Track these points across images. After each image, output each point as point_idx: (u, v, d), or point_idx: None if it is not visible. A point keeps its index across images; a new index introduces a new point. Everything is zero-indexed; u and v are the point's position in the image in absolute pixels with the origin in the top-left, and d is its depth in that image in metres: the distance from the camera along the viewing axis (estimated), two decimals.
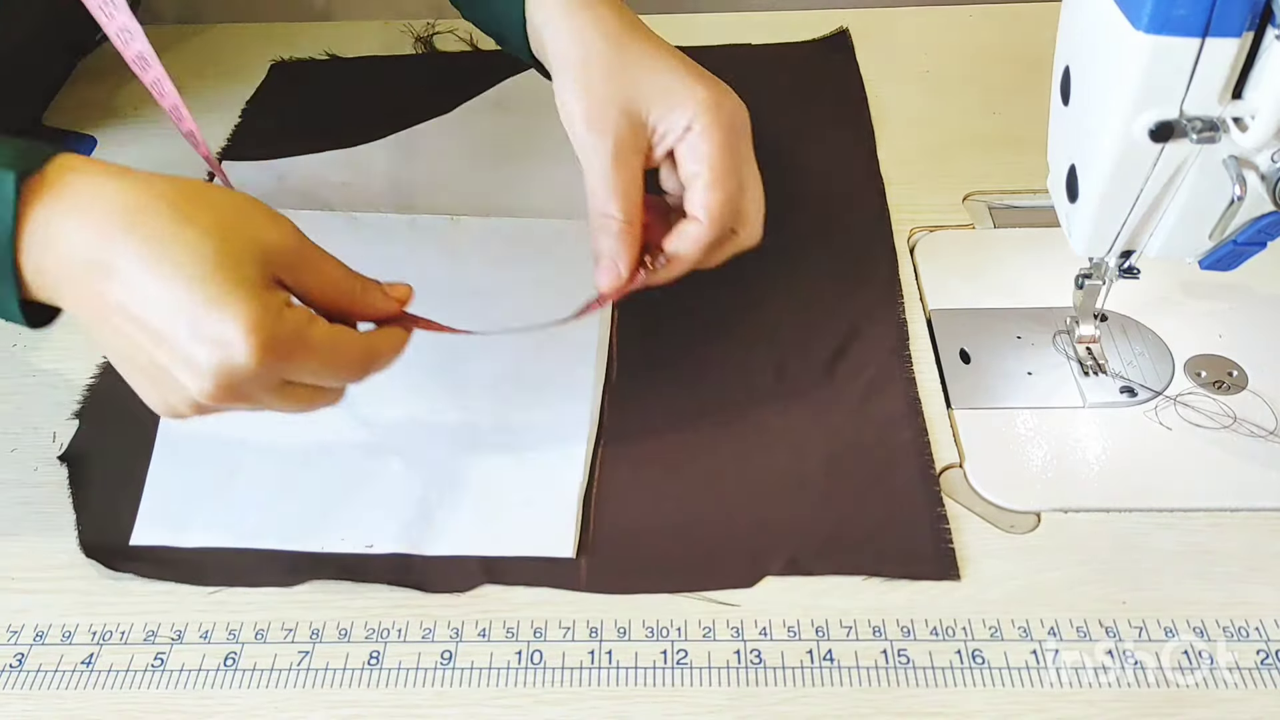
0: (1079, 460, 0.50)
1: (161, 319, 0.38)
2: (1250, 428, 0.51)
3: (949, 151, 0.69)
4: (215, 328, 0.38)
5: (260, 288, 0.39)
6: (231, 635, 0.45)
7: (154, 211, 0.39)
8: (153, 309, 0.38)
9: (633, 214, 0.47)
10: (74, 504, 0.50)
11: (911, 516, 0.48)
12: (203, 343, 0.38)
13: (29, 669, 0.44)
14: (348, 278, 0.44)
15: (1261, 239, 0.43)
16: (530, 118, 0.65)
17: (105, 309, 0.39)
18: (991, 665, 0.43)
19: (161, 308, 0.38)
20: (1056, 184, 0.48)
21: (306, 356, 0.40)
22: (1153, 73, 0.38)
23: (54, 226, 0.39)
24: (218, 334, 0.38)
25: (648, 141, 0.48)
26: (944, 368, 0.55)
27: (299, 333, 0.40)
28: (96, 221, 0.39)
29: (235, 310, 0.38)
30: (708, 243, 0.47)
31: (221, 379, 0.38)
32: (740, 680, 0.43)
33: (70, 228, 0.38)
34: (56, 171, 0.40)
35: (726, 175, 0.47)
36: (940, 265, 0.61)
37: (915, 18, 0.82)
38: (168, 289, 0.38)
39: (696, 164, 0.47)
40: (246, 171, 0.69)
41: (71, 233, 0.38)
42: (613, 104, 0.47)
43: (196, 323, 0.38)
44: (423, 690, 0.43)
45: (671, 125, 0.47)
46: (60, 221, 0.39)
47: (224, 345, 0.38)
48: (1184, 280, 0.58)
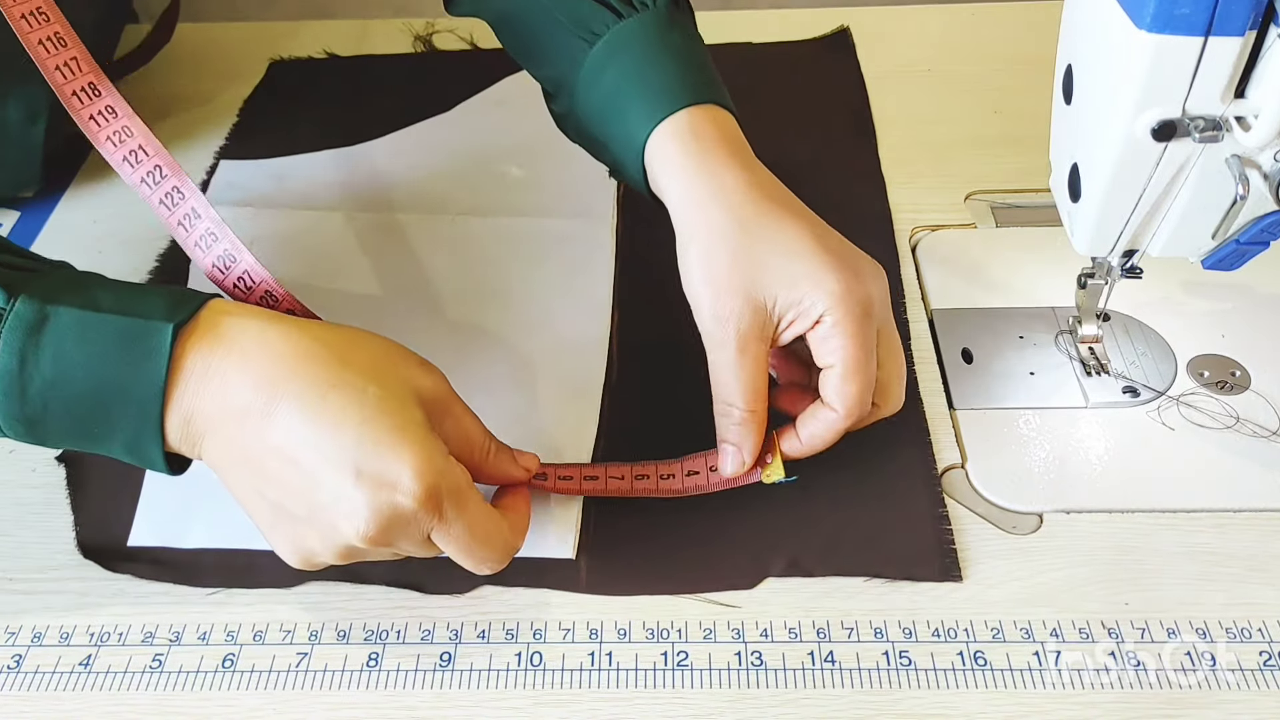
0: (1081, 461, 0.50)
1: (326, 460, 0.38)
2: (1253, 428, 0.51)
3: (951, 151, 0.69)
4: (383, 468, 0.38)
5: (425, 430, 0.40)
6: (230, 637, 0.45)
7: (315, 356, 0.40)
8: (316, 451, 0.38)
9: (756, 404, 0.46)
10: (71, 505, 0.50)
11: (913, 517, 0.48)
12: (369, 484, 0.38)
13: (26, 670, 0.44)
14: (484, 436, 0.45)
15: (1264, 238, 0.42)
16: (531, 116, 0.65)
17: (260, 453, 0.39)
18: (993, 667, 0.43)
19: (326, 449, 0.38)
20: (1059, 183, 0.48)
21: (460, 513, 0.40)
22: (1155, 72, 0.38)
23: (213, 371, 0.39)
24: (385, 474, 0.38)
25: (774, 327, 0.46)
26: (946, 367, 0.55)
27: (460, 488, 0.40)
28: (260, 366, 0.39)
29: (403, 452, 0.38)
30: (843, 429, 0.46)
31: (383, 521, 0.38)
32: (741, 682, 0.43)
33: (231, 373, 0.39)
34: (212, 316, 0.40)
35: (861, 367, 0.45)
36: (942, 265, 0.60)
37: (917, 16, 0.82)
38: (333, 431, 0.38)
39: (830, 356, 0.45)
40: (245, 170, 0.69)
41: (232, 377, 0.39)
42: (739, 293, 0.45)
43: (363, 464, 0.38)
44: (422, 692, 0.43)
45: (800, 316, 0.45)
46: (220, 366, 0.39)
47: (391, 487, 0.38)
48: (1186, 280, 0.58)
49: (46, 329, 0.38)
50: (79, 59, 0.46)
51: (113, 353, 0.38)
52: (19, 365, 0.38)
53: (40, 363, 0.38)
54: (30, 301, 0.38)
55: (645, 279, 0.60)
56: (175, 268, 0.62)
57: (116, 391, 0.38)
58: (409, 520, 0.39)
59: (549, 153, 0.68)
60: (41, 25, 0.46)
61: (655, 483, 0.49)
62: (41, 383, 0.38)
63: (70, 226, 0.66)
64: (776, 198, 0.48)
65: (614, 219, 0.64)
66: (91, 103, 0.46)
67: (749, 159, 0.49)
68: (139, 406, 0.39)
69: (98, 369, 0.38)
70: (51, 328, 0.38)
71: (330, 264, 0.62)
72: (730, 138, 0.49)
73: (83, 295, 0.39)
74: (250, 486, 0.40)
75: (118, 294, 0.40)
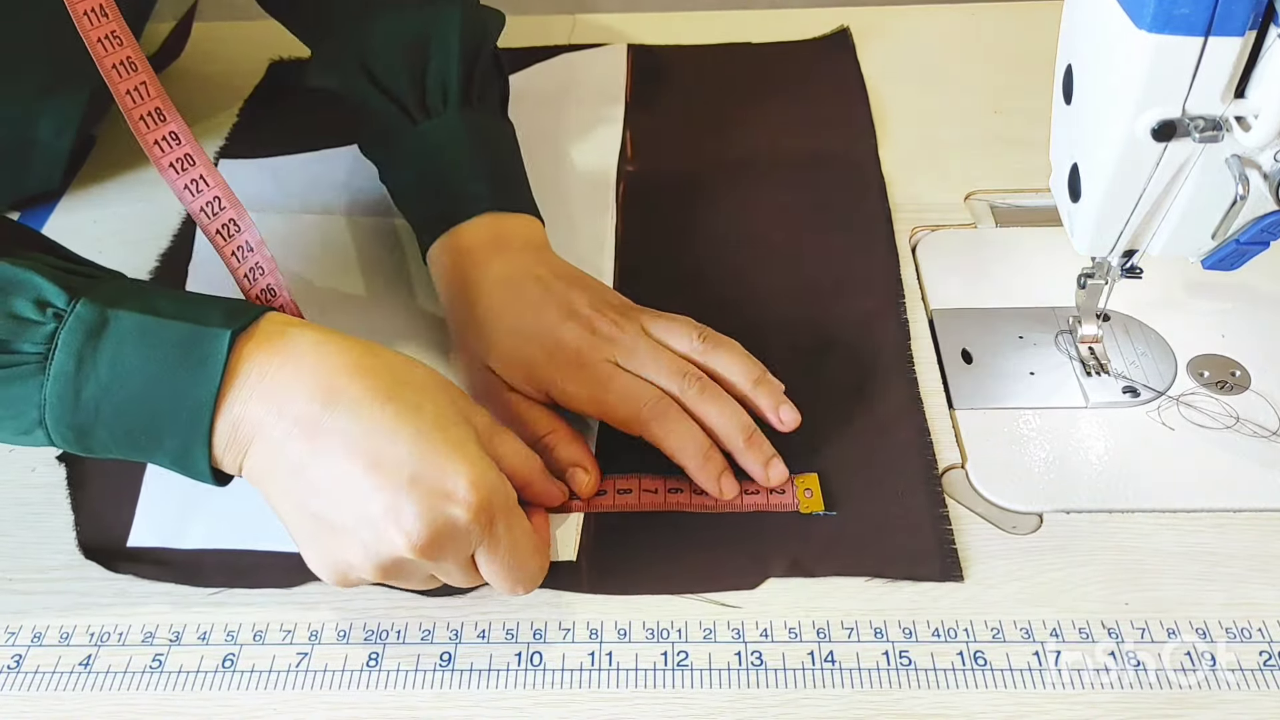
0: (1081, 461, 0.50)
1: (380, 468, 0.38)
2: (1253, 428, 0.51)
3: (951, 150, 0.69)
4: (439, 478, 0.38)
5: (479, 447, 0.40)
6: (230, 637, 0.45)
7: (372, 370, 0.40)
8: (371, 458, 0.38)
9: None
10: (72, 505, 0.50)
11: (913, 517, 0.48)
12: (424, 493, 0.38)
13: (27, 670, 0.44)
14: (529, 457, 0.46)
15: (1264, 238, 0.42)
16: (529, 115, 0.65)
17: (309, 461, 0.39)
18: (993, 667, 0.43)
19: (382, 457, 0.38)
20: (1059, 183, 0.48)
21: (508, 530, 0.40)
22: (1155, 72, 0.38)
23: (268, 379, 0.39)
24: (441, 485, 0.38)
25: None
26: (946, 368, 0.55)
27: (510, 505, 0.41)
28: (315, 376, 0.39)
29: (459, 464, 0.39)
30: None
31: (435, 531, 0.38)
32: (741, 682, 0.43)
33: (286, 381, 0.39)
34: (270, 326, 0.40)
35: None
36: (942, 265, 0.60)
37: (917, 16, 0.82)
38: (390, 440, 0.38)
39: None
40: (245, 170, 0.69)
41: (286, 386, 0.39)
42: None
43: (419, 473, 0.38)
44: (422, 692, 0.43)
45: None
46: (277, 373, 0.39)
47: (446, 497, 0.38)
48: (1187, 280, 0.58)
49: (106, 333, 0.38)
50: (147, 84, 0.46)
51: (170, 358, 0.38)
52: (75, 367, 0.38)
53: (97, 366, 0.38)
54: (91, 305, 0.38)
55: (645, 276, 0.60)
56: (176, 268, 0.62)
57: (170, 397, 0.38)
58: (461, 533, 0.39)
59: (548, 151, 0.68)
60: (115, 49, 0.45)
61: (689, 497, 0.49)
62: (96, 387, 0.38)
63: (70, 226, 0.66)
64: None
65: (614, 217, 0.64)
66: (157, 128, 0.46)
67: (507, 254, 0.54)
68: (191, 413, 0.39)
69: (154, 374, 0.38)
70: (111, 332, 0.38)
71: (330, 264, 0.62)
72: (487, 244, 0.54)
73: (143, 301, 0.39)
74: (293, 497, 0.40)
75: (177, 301, 0.40)
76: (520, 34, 0.78)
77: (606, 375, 0.49)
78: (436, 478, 0.38)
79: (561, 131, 0.71)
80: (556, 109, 0.73)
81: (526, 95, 0.71)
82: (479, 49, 0.59)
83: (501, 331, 0.51)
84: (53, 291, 0.39)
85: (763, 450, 0.49)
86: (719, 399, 0.49)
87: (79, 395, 0.38)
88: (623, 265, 0.61)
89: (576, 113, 0.73)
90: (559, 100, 0.74)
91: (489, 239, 0.54)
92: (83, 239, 0.65)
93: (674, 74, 0.77)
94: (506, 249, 0.54)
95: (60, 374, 0.38)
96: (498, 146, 0.59)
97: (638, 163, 0.69)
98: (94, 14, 0.44)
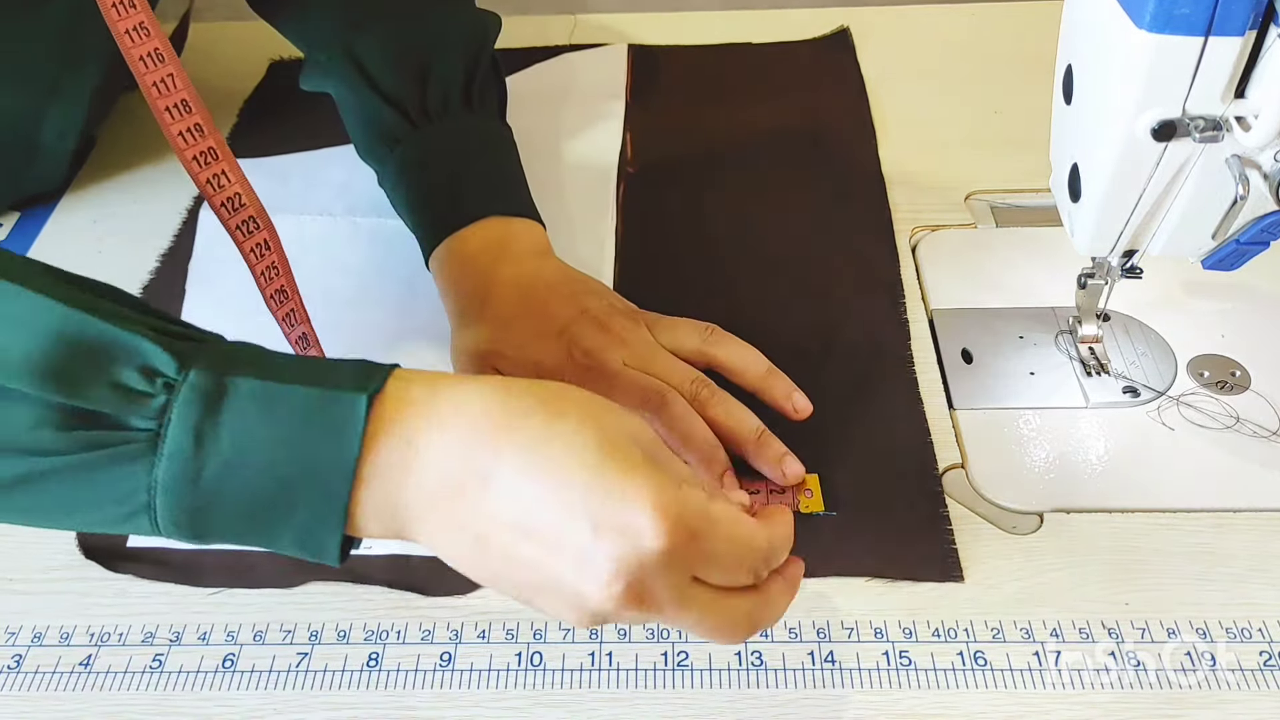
0: (1081, 461, 0.50)
1: (556, 523, 0.34)
2: (1253, 428, 0.51)
3: (951, 151, 0.69)
4: (620, 517, 0.34)
5: (652, 465, 0.35)
6: (230, 637, 0.45)
7: (523, 412, 0.36)
8: (544, 514, 0.34)
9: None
10: None
11: (913, 517, 0.48)
12: (607, 537, 0.34)
13: (27, 670, 0.44)
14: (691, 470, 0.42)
15: (1264, 238, 0.42)
16: (528, 115, 0.65)
17: (486, 530, 0.35)
18: (994, 667, 0.43)
19: (555, 510, 0.34)
20: (1059, 183, 0.48)
21: (713, 534, 0.35)
22: (1155, 72, 0.38)
23: (413, 446, 0.35)
24: (623, 523, 0.34)
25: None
26: (946, 368, 0.55)
27: (703, 509, 0.35)
28: (463, 434, 0.35)
29: (637, 494, 0.34)
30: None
31: (630, 575, 0.34)
32: (741, 682, 0.43)
33: (433, 446, 0.35)
34: (399, 385, 0.36)
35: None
36: (942, 265, 0.60)
37: (917, 16, 0.82)
38: (558, 488, 0.34)
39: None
40: (245, 169, 0.68)
41: (434, 450, 0.35)
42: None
43: (597, 517, 0.34)
44: (422, 692, 0.43)
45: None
46: (420, 440, 0.35)
47: (632, 534, 0.34)
48: (1187, 280, 0.58)
49: (226, 403, 0.34)
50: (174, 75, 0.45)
51: (299, 426, 0.34)
52: (194, 444, 0.34)
53: (219, 441, 0.34)
54: (206, 372, 0.34)
55: (645, 276, 0.60)
56: (176, 268, 0.62)
57: (301, 470, 0.34)
58: (661, 567, 0.34)
59: (548, 152, 0.68)
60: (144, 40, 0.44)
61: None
62: (218, 464, 0.34)
63: (70, 226, 0.66)
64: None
65: (614, 218, 0.64)
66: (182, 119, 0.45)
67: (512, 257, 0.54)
68: (325, 486, 0.34)
69: (283, 444, 0.34)
70: (231, 401, 0.34)
71: (330, 264, 0.62)
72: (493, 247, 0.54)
73: (259, 365, 0.35)
74: (487, 570, 0.36)
75: (294, 363, 0.36)
76: (520, 34, 0.78)
77: (613, 374, 0.49)
78: (618, 515, 0.34)
79: (562, 132, 0.71)
80: (556, 109, 0.73)
81: (527, 95, 0.71)
82: (479, 53, 0.59)
83: (510, 333, 0.51)
84: (161, 358, 0.34)
85: (774, 448, 0.48)
86: (728, 401, 0.49)
87: (199, 475, 0.34)
88: (623, 265, 0.61)
89: (577, 113, 0.73)
90: (559, 100, 0.74)
91: (494, 242, 0.54)
92: (83, 239, 0.65)
93: (674, 74, 0.77)
94: (512, 252, 0.54)
95: (176, 453, 0.34)
96: (500, 151, 0.59)
97: (638, 163, 0.69)
98: (122, 5, 0.43)
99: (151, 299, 0.60)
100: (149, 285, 0.62)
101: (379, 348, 0.57)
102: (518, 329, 0.51)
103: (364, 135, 0.60)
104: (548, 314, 0.51)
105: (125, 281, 0.61)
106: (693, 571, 0.35)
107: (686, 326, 0.52)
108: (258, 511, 0.35)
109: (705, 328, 0.52)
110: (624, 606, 0.34)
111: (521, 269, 0.53)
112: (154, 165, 0.71)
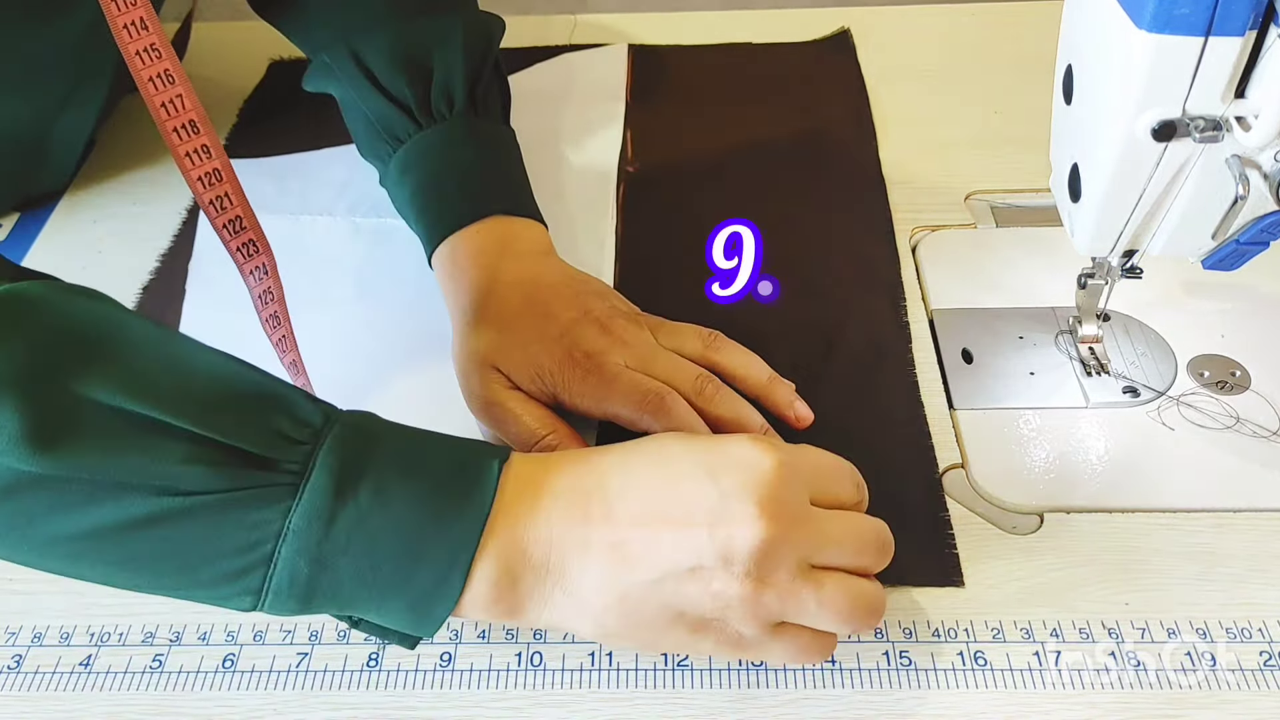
0: (1081, 461, 0.50)
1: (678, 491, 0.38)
2: (1253, 428, 0.51)
3: (951, 151, 0.69)
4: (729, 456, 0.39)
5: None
6: (230, 637, 0.45)
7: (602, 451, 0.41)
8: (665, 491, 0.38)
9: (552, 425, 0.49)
10: None
11: (913, 517, 0.48)
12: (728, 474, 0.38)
13: (27, 670, 0.44)
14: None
15: (1264, 238, 0.42)
16: (528, 115, 0.65)
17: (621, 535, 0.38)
18: (994, 667, 0.43)
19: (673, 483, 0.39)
20: (1059, 183, 0.48)
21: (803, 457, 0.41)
22: (1155, 72, 0.38)
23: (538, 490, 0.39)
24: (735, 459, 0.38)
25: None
26: (946, 368, 0.55)
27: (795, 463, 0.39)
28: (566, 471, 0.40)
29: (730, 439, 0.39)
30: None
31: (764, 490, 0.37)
32: (741, 682, 0.43)
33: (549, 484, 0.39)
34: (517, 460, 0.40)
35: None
36: (942, 265, 0.60)
37: (917, 16, 0.82)
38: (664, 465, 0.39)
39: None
40: (245, 170, 0.68)
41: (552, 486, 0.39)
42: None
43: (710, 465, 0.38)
44: (422, 692, 0.43)
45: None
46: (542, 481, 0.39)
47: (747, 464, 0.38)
48: (1187, 280, 0.58)
49: (372, 456, 0.36)
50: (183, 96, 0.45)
51: (436, 486, 0.37)
52: (335, 490, 0.35)
53: (358, 491, 0.36)
54: (351, 426, 0.37)
55: (646, 275, 0.60)
56: (176, 268, 0.62)
57: (434, 526, 0.36)
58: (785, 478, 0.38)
59: (548, 151, 0.68)
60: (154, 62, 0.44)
61: None
62: (355, 514, 0.35)
63: (70, 227, 0.66)
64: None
65: (614, 218, 0.64)
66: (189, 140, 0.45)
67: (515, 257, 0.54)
68: (455, 543, 0.37)
69: (419, 501, 0.36)
70: (377, 454, 0.37)
71: (330, 264, 0.62)
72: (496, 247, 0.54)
73: (390, 424, 0.39)
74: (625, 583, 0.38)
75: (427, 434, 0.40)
76: (520, 34, 0.78)
77: (613, 376, 0.49)
78: (724, 456, 0.39)
79: (562, 132, 0.71)
80: (557, 109, 0.73)
81: (527, 95, 0.71)
82: (484, 55, 0.59)
83: (513, 333, 0.51)
84: (308, 409, 0.37)
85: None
86: (733, 398, 0.49)
87: (332, 521, 0.35)
88: (623, 265, 0.61)
89: (577, 113, 0.73)
90: (559, 100, 0.74)
91: (498, 242, 0.54)
92: (83, 239, 0.65)
93: (674, 74, 0.77)
94: (516, 252, 0.54)
95: (315, 496, 0.35)
96: (504, 152, 0.59)
97: (638, 163, 0.69)
98: (134, 27, 0.43)
99: (151, 299, 0.61)
100: (149, 285, 0.62)
101: (380, 347, 0.57)
102: (519, 329, 0.51)
103: (367, 134, 0.60)
104: (550, 315, 0.51)
105: (125, 281, 0.61)
106: (808, 554, 0.38)
107: (689, 332, 0.52)
108: (384, 565, 0.36)
109: (707, 333, 0.52)
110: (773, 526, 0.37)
111: (524, 268, 0.53)
112: (154, 166, 0.71)
